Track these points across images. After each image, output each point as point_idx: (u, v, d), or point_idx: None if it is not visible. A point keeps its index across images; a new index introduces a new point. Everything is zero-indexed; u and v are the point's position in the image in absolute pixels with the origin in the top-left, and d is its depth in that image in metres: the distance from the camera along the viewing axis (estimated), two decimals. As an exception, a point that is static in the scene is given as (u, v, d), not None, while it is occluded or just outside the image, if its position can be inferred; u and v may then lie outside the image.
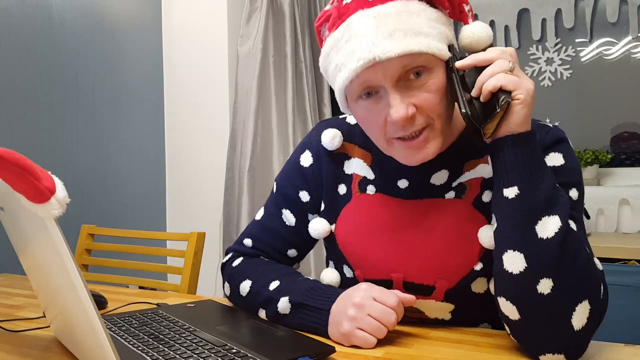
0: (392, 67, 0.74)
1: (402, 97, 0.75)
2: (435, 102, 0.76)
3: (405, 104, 0.75)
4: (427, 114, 0.76)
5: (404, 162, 0.81)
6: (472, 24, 0.78)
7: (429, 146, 0.78)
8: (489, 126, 0.73)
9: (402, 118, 0.74)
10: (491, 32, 0.78)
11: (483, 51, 0.76)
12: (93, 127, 2.32)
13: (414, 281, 0.86)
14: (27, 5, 2.04)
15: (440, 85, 0.76)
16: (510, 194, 0.72)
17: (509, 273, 0.71)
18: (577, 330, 0.69)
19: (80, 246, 1.68)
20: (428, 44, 0.74)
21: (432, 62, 0.76)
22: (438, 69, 0.76)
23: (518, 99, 0.71)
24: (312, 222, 0.96)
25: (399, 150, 0.80)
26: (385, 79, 0.75)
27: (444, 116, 0.78)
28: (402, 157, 0.81)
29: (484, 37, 0.77)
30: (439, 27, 0.77)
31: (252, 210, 2.42)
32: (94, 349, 0.63)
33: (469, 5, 0.80)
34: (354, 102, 0.81)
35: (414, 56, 0.74)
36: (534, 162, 0.72)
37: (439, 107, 0.77)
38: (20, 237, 0.75)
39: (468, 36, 0.77)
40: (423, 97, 0.76)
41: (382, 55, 0.72)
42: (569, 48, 2.44)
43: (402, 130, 0.77)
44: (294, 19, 2.54)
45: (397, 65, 0.74)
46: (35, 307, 1.09)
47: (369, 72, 0.75)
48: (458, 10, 0.79)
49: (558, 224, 0.69)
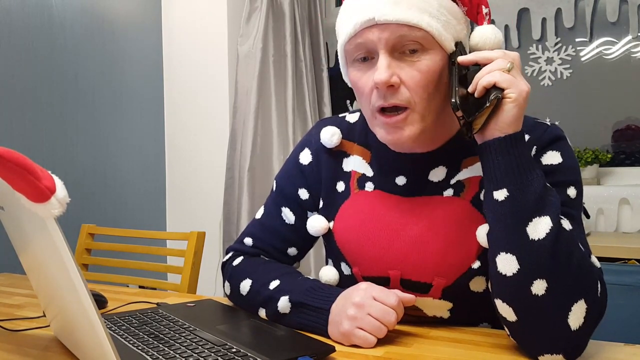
0: (389, 33, 0.76)
1: (391, 64, 0.77)
2: (421, 83, 0.77)
3: (391, 71, 0.76)
4: (410, 93, 0.77)
5: (382, 138, 0.82)
6: (485, 25, 0.80)
7: (406, 128, 0.79)
8: (477, 120, 0.73)
9: (382, 81, 0.76)
10: (501, 36, 0.79)
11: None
12: (93, 127, 2.32)
13: (411, 278, 0.86)
14: (27, 5, 2.04)
15: (432, 69, 0.77)
16: (500, 196, 0.72)
17: (503, 275, 0.72)
18: (574, 330, 0.69)
19: (80, 246, 1.68)
20: (429, 22, 0.76)
21: (430, 43, 0.77)
22: (435, 53, 0.77)
23: (510, 97, 0.71)
24: (310, 219, 0.96)
25: (379, 125, 0.82)
26: (380, 42, 0.77)
27: (428, 103, 0.79)
28: (381, 134, 0.82)
29: (492, 39, 0.78)
30: (449, 16, 0.78)
31: (252, 210, 2.42)
32: (94, 348, 0.63)
33: (489, 9, 0.81)
34: (351, 64, 0.83)
35: (413, 29, 0.75)
36: (522, 163, 0.72)
37: (423, 90, 0.78)
38: (20, 236, 0.75)
39: (478, 36, 0.79)
40: (411, 74, 0.77)
41: (381, 17, 0.75)
42: (569, 47, 2.44)
43: (382, 99, 0.78)
44: (294, 18, 2.54)
45: (394, 32, 0.75)
46: (35, 307, 1.09)
47: (366, 32, 0.77)
48: (476, 10, 0.80)
49: (549, 224, 0.69)
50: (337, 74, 2.82)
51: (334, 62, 2.84)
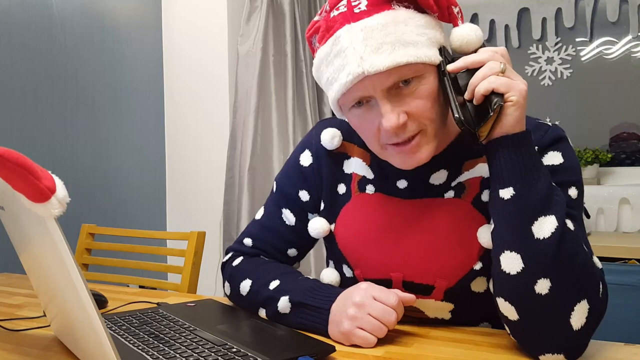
0: (381, 80, 0.74)
1: (393, 106, 0.76)
2: (426, 108, 0.77)
3: (397, 112, 0.75)
4: (419, 120, 0.77)
5: (398, 166, 0.82)
6: (461, 26, 0.78)
7: (422, 151, 0.79)
8: (483, 129, 0.73)
9: (393, 127, 0.75)
10: (480, 33, 0.78)
11: (474, 52, 0.76)
12: (93, 127, 2.32)
13: (413, 280, 0.86)
14: (27, 5, 2.04)
15: (431, 91, 0.77)
16: (506, 194, 0.72)
17: (507, 274, 0.72)
18: (576, 329, 0.69)
19: (81, 245, 1.68)
20: (416, 53, 0.74)
21: (422, 70, 0.76)
22: (429, 74, 0.76)
23: (511, 101, 0.71)
24: (311, 221, 0.96)
25: (393, 155, 0.81)
26: (375, 90, 0.75)
27: (437, 120, 0.79)
28: (396, 161, 0.82)
29: (473, 38, 0.77)
30: (428, 32, 0.76)
31: (252, 210, 2.42)
32: (94, 348, 0.63)
33: (458, 7, 0.80)
34: (348, 111, 0.82)
35: (403, 68, 0.74)
36: (529, 162, 0.72)
37: (430, 113, 0.77)
38: (20, 236, 0.75)
39: (458, 39, 0.77)
40: (414, 104, 0.76)
41: (371, 70, 0.73)
42: (569, 47, 2.44)
43: (395, 137, 0.78)
44: (294, 18, 2.54)
45: (386, 77, 0.74)
46: (36, 307, 1.09)
47: (359, 86, 0.76)
48: (447, 12, 0.79)
49: (554, 223, 0.69)
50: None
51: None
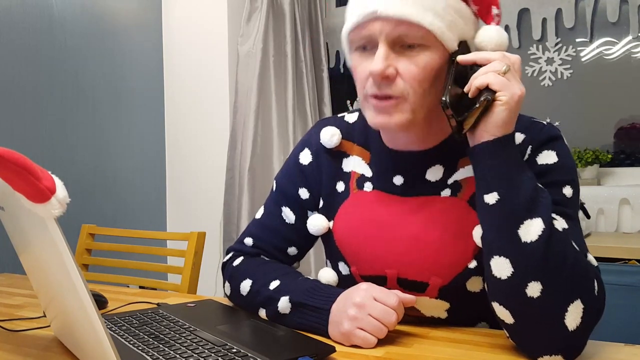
0: (390, 27, 0.76)
1: (389, 56, 0.77)
2: (418, 77, 0.77)
3: (388, 62, 0.77)
4: (405, 85, 0.78)
5: (369, 121, 0.83)
6: (491, 26, 0.80)
7: (394, 116, 0.79)
8: (467, 121, 0.73)
9: (377, 72, 0.76)
10: (505, 39, 0.79)
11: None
12: (93, 127, 2.32)
13: (407, 277, 0.86)
14: (27, 5, 2.04)
15: (430, 65, 0.77)
16: (491, 199, 0.72)
17: (498, 279, 0.72)
18: (571, 330, 0.69)
19: (81, 246, 1.68)
20: (432, 21, 0.76)
21: (430, 42, 0.77)
22: (436, 52, 0.77)
23: (500, 100, 0.71)
24: (310, 218, 0.96)
25: (369, 107, 0.82)
26: (381, 34, 0.77)
27: (422, 98, 0.79)
28: (369, 115, 0.83)
29: (495, 39, 0.78)
30: (455, 16, 0.78)
31: (252, 210, 2.42)
32: (94, 348, 0.63)
33: (499, 10, 0.81)
34: (352, 52, 0.84)
35: (414, 27, 0.75)
36: (511, 166, 0.72)
37: (419, 85, 0.78)
38: (20, 236, 0.75)
39: (481, 35, 0.79)
40: (408, 67, 0.77)
41: (383, 11, 0.75)
42: (569, 48, 2.43)
43: (376, 87, 0.79)
44: (294, 18, 2.54)
45: (394, 27, 0.76)
46: (36, 307, 1.09)
47: (369, 24, 0.78)
48: (485, 10, 0.80)
49: (541, 226, 0.69)
50: (337, 74, 2.82)
51: (334, 62, 2.85)
